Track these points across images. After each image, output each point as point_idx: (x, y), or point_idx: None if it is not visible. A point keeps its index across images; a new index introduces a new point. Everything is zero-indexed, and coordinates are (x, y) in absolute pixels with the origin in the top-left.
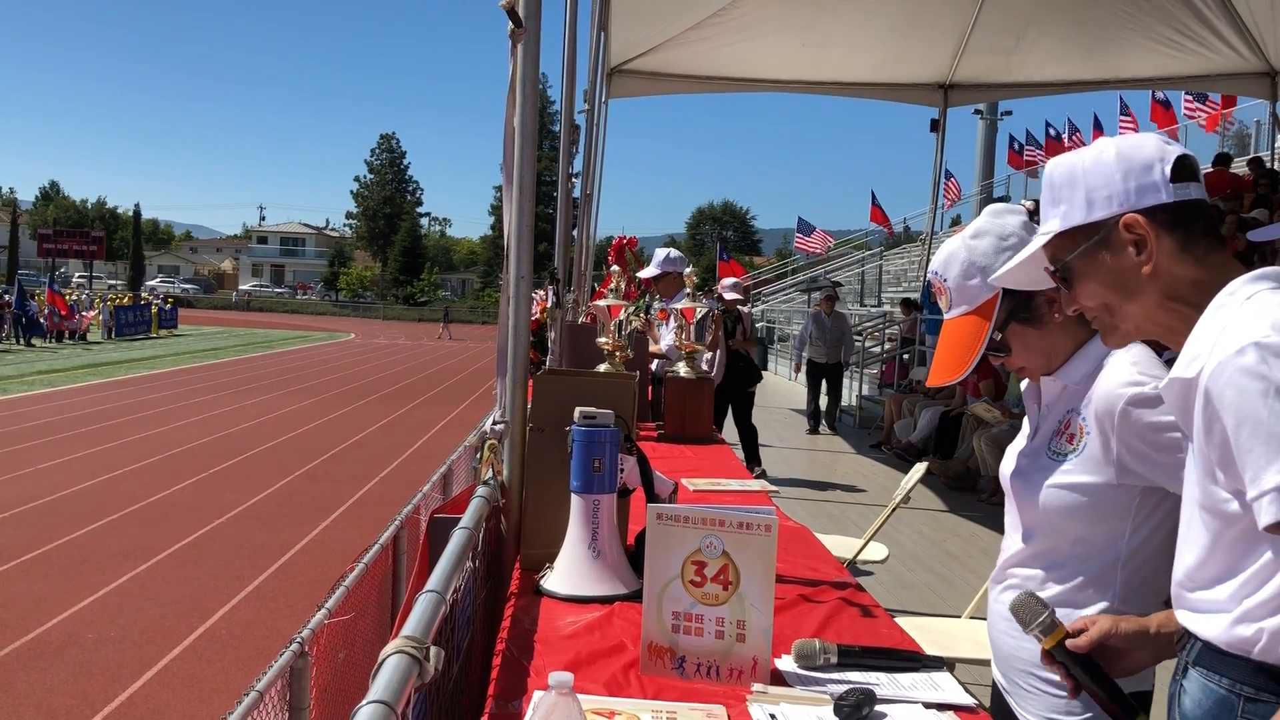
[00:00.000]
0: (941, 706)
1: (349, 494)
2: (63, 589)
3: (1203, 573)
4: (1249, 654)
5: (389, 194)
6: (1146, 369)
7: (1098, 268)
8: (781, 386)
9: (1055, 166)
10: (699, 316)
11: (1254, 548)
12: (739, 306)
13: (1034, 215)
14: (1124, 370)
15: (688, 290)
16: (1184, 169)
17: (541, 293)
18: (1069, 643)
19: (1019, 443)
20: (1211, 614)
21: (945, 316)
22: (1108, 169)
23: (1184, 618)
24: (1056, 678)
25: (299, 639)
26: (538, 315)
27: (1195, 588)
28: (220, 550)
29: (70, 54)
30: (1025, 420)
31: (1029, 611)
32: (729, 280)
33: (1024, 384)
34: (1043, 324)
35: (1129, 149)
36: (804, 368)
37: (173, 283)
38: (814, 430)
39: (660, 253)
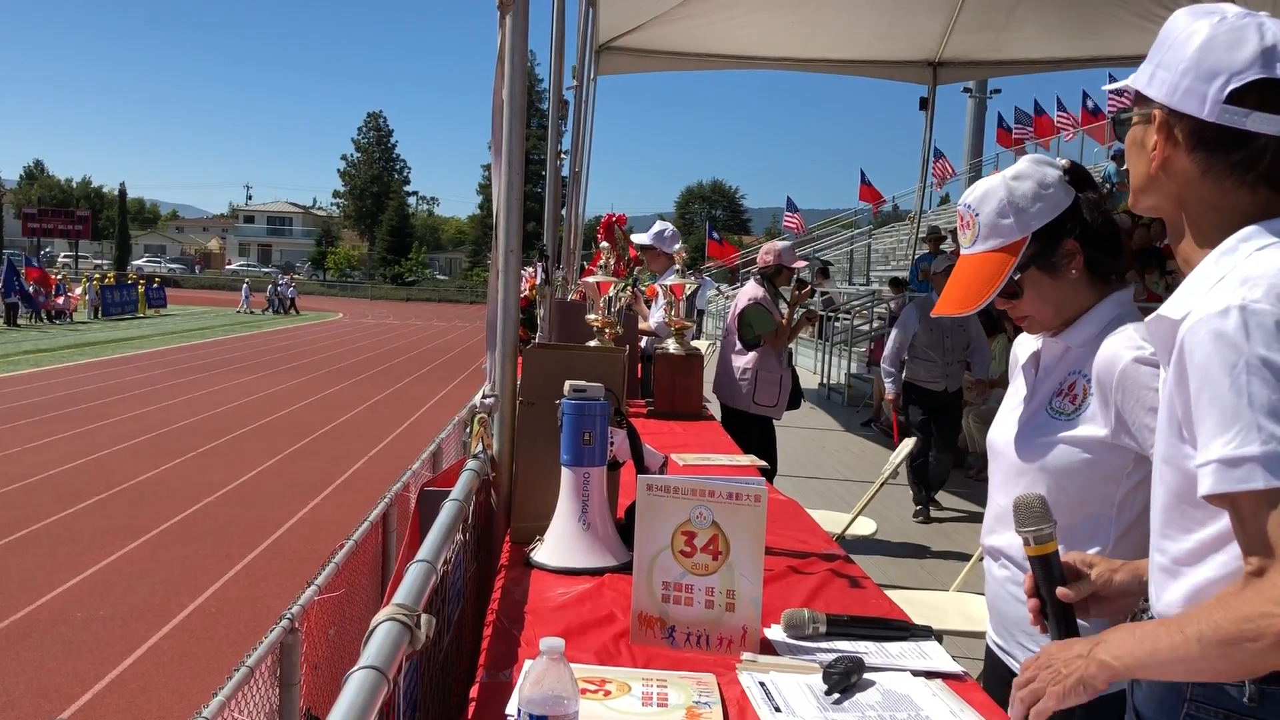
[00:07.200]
0: (930, 674)
1: (338, 472)
2: (51, 568)
3: (1157, 534)
4: None
5: (376, 173)
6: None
7: (1133, 141)
8: None
9: (1173, 17)
10: (687, 292)
11: (1205, 514)
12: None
13: (1068, 173)
14: (1129, 334)
15: (677, 266)
16: (1264, 94)
17: (530, 270)
18: (1059, 591)
19: (1012, 407)
20: (1161, 585)
21: (966, 250)
22: (1184, 51)
23: (1149, 577)
24: None
25: (289, 615)
26: (526, 292)
27: (1156, 547)
28: (209, 528)
29: (54, 32)
30: (1014, 387)
31: (1030, 514)
32: (779, 244)
33: (1016, 349)
34: (1059, 275)
35: (1223, 44)
36: (899, 398)
37: (159, 262)
38: (925, 516)
39: (657, 225)
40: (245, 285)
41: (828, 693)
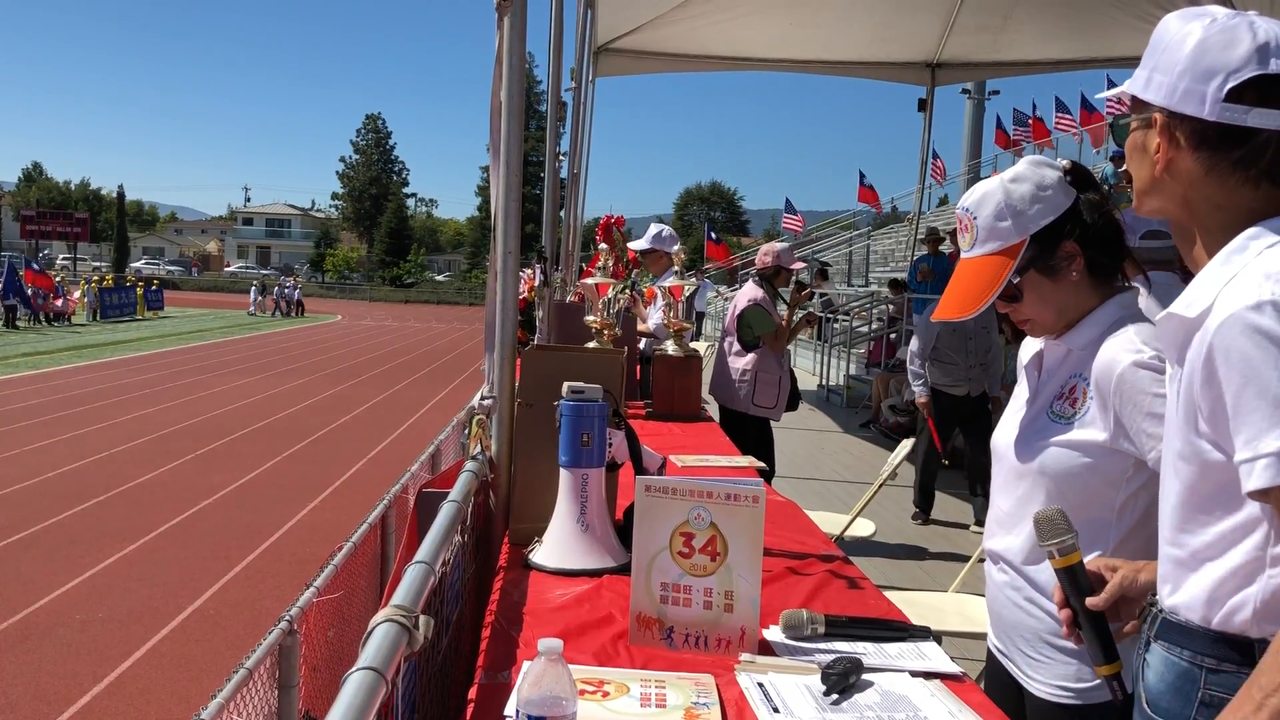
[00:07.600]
0: (928, 675)
1: (337, 474)
2: (50, 570)
3: (1173, 528)
4: (1208, 625)
5: (375, 174)
6: (1151, 340)
7: (1134, 145)
8: None
9: (1163, 22)
10: (686, 294)
11: (1225, 508)
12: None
13: (1068, 174)
14: (1128, 337)
15: (675, 268)
16: (1261, 90)
17: (529, 271)
18: (1089, 601)
19: (1015, 409)
20: (1177, 579)
21: (965, 254)
22: (1179, 54)
23: (1159, 574)
24: (1071, 645)
25: (288, 616)
26: (525, 294)
27: (1171, 542)
28: (208, 530)
29: (53, 33)
30: (1019, 389)
31: (1052, 528)
32: (778, 245)
33: (1020, 351)
34: (1060, 277)
35: (1217, 44)
36: (930, 402)
37: (157, 264)
38: (925, 517)
39: (654, 228)
40: (254, 287)
41: (826, 693)
